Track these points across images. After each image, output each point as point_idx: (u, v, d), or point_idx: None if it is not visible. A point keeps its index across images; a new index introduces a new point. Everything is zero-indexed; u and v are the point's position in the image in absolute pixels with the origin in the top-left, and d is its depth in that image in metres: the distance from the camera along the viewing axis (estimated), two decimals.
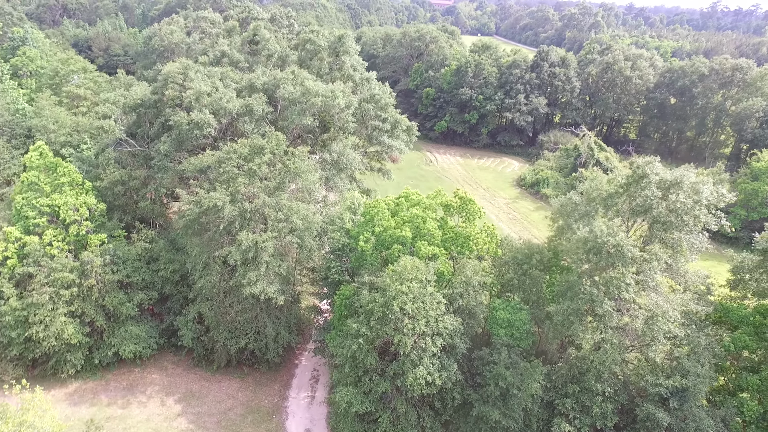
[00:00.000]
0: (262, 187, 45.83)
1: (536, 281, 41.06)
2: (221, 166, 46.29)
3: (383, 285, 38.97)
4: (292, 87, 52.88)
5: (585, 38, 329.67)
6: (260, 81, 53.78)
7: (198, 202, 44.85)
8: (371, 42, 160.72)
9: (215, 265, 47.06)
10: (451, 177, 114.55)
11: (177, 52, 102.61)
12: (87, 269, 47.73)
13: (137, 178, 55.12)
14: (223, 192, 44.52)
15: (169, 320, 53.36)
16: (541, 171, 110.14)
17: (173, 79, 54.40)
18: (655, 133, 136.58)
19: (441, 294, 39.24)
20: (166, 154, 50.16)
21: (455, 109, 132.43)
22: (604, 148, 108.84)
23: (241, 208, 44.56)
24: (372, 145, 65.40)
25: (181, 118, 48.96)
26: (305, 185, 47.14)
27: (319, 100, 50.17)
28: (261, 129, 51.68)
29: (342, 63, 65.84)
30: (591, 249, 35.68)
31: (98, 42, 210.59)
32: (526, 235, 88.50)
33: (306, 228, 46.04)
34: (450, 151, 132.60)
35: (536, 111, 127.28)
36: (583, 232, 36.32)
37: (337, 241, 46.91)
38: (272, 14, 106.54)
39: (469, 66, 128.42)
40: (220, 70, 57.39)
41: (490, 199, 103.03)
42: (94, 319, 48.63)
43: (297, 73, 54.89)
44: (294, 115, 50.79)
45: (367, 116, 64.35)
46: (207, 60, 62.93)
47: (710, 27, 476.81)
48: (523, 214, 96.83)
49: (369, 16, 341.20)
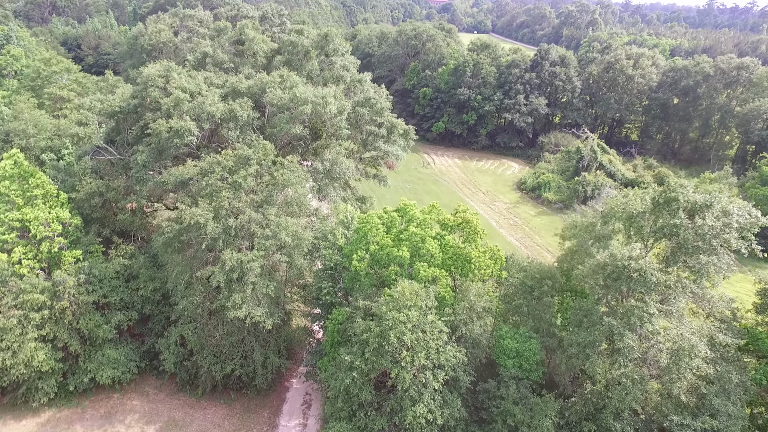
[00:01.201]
0: (248, 202, 42.27)
1: (547, 308, 37.66)
2: (204, 179, 42.74)
3: (379, 312, 35.55)
4: (279, 92, 49.27)
5: (582, 36, 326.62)
6: (244, 85, 50.11)
7: (178, 218, 41.32)
8: (366, 40, 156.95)
9: (198, 285, 43.52)
10: (449, 180, 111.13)
11: (165, 51, 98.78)
12: (59, 290, 44.08)
13: (116, 189, 51.46)
14: (206, 207, 40.96)
15: (151, 342, 49.77)
16: (543, 174, 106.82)
17: (154, 83, 50.73)
18: (658, 134, 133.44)
19: (442, 322, 35.83)
20: (145, 164, 46.52)
21: (453, 109, 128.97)
22: (607, 150, 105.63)
23: (225, 224, 41.03)
24: (367, 150, 61.81)
25: (160, 125, 45.32)
26: (295, 198, 43.57)
27: (308, 107, 46.59)
28: (247, 137, 48.07)
29: (332, 63, 62.16)
30: (610, 274, 32.30)
31: (88, 40, 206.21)
32: (528, 242, 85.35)
33: (296, 245, 42.54)
34: (448, 153, 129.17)
35: (536, 112, 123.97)
36: (602, 256, 32.90)
37: (329, 259, 43.39)
38: (263, 12, 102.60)
39: (467, 65, 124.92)
40: (203, 74, 53.68)
41: (490, 204, 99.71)
42: (68, 344, 44.98)
43: (285, 77, 51.26)
44: (282, 123, 47.19)
45: (361, 121, 60.77)
46: (190, 61, 59.22)
47: (707, 24, 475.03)
48: (525, 220, 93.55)
49: (364, 13, 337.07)
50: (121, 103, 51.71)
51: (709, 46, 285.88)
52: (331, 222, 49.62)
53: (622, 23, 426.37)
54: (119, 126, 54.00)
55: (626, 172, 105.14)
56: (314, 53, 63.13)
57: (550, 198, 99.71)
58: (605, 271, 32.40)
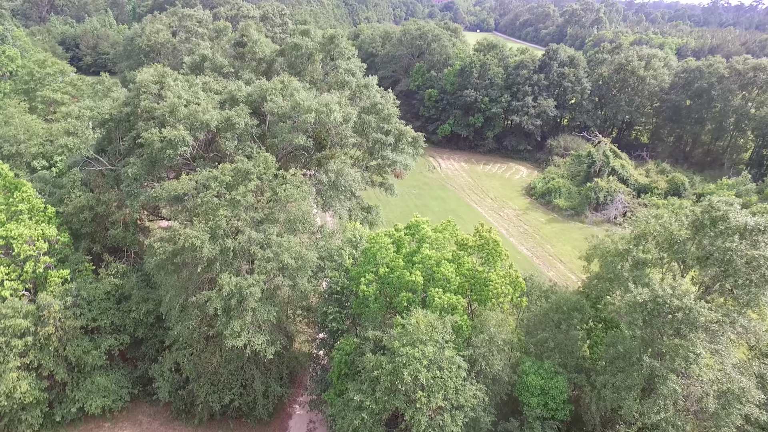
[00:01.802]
0: (247, 220, 39.02)
1: (575, 341, 34.34)
2: (200, 195, 39.48)
3: (391, 346, 32.29)
4: (281, 99, 45.97)
5: (587, 35, 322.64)
6: (242, 93, 46.83)
7: (171, 238, 38.09)
8: (370, 40, 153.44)
9: (194, 309, 40.26)
10: (456, 185, 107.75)
11: (163, 52, 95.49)
12: (44, 315, 40.87)
13: (106, 203, 48.19)
14: (202, 227, 37.73)
15: (144, 367, 46.60)
16: (553, 179, 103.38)
17: (147, 89, 47.46)
18: (669, 136, 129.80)
19: (461, 357, 32.55)
20: (136, 177, 43.27)
21: (459, 111, 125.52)
22: (619, 155, 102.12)
23: (222, 245, 37.80)
24: (374, 159, 58.51)
25: (153, 135, 42.08)
26: (298, 216, 40.28)
27: (311, 116, 43.27)
28: (246, 147, 44.80)
29: (337, 67, 58.80)
30: (651, 312, 28.94)
31: (86, 40, 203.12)
32: (539, 252, 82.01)
33: (299, 267, 39.31)
34: (454, 156, 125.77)
35: (545, 114, 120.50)
36: (641, 293, 29.40)
37: (335, 282, 40.09)
38: (264, 11, 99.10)
39: (474, 66, 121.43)
40: (201, 79, 50.39)
41: (499, 211, 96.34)
42: (54, 372, 41.83)
43: (286, 83, 47.97)
44: (284, 133, 43.90)
45: (368, 128, 57.48)
46: (187, 64, 55.93)
47: (712, 23, 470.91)
48: (535, 228, 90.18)
49: (367, 12, 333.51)
50: (111, 111, 48.45)
51: (716, 45, 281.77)
52: (337, 239, 46.36)
53: (626, 21, 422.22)
54: (110, 135, 50.78)
55: (639, 177, 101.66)
56: (318, 56, 59.81)
57: (561, 204, 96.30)
58: (645, 308, 29.03)
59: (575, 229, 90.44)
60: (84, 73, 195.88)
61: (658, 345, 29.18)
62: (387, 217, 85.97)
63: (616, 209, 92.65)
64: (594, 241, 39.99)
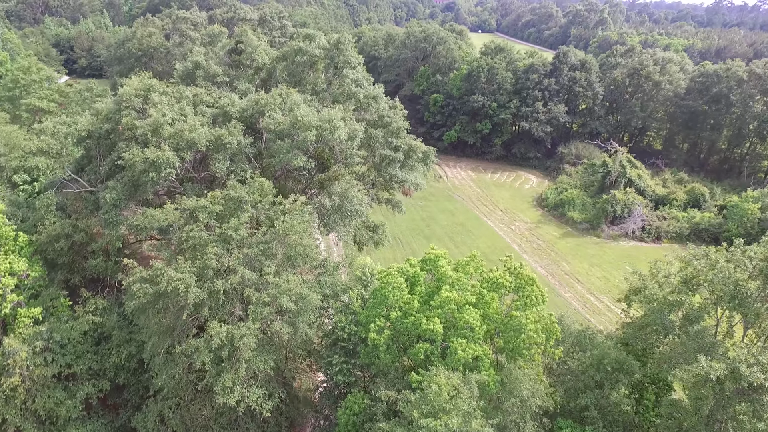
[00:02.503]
0: (240, 258, 34.07)
1: (622, 408, 29.27)
2: (186, 227, 34.53)
3: (407, 413, 27.36)
4: (279, 114, 41.01)
5: (591, 36, 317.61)
6: (235, 108, 41.87)
7: (153, 278, 33.15)
8: (372, 42, 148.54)
9: (180, 356, 35.31)
10: (464, 196, 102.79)
11: (156, 57, 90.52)
12: (9, 364, 35.92)
13: (85, 230, 43.24)
14: (187, 267, 32.79)
15: (126, 415, 41.58)
16: (565, 190, 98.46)
17: (130, 104, 42.56)
18: (684, 143, 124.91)
19: (490, 426, 27.56)
20: (116, 203, 38.33)
21: (466, 117, 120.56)
22: (635, 164, 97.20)
23: (211, 287, 32.86)
24: (381, 177, 53.58)
25: (134, 156, 37.13)
26: (299, 251, 35.32)
27: (312, 134, 38.28)
28: (239, 168, 39.86)
29: (342, 77, 53.84)
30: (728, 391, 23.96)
31: (80, 42, 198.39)
32: (555, 270, 77.02)
33: (300, 310, 34.36)
34: (460, 164, 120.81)
35: (555, 120, 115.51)
36: (716, 369, 24.14)
37: (342, 328, 35.08)
38: (262, 14, 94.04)
39: (482, 70, 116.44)
40: (192, 90, 45.43)
41: (510, 224, 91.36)
42: (21, 428, 36.88)
43: (285, 96, 43.05)
44: (282, 153, 38.94)
45: (374, 143, 52.61)
46: (178, 72, 51.00)
47: (716, 23, 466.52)
48: (549, 243, 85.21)
49: (368, 12, 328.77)
50: (90, 127, 43.48)
51: (723, 47, 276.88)
52: (342, 273, 41.40)
53: (629, 22, 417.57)
54: (90, 153, 45.83)
55: (656, 187, 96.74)
56: (322, 64, 54.85)
57: (575, 217, 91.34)
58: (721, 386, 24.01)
59: (591, 244, 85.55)
60: (79, 76, 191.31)
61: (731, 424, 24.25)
62: (393, 232, 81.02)
63: (634, 223, 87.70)
64: (634, 281, 35.02)
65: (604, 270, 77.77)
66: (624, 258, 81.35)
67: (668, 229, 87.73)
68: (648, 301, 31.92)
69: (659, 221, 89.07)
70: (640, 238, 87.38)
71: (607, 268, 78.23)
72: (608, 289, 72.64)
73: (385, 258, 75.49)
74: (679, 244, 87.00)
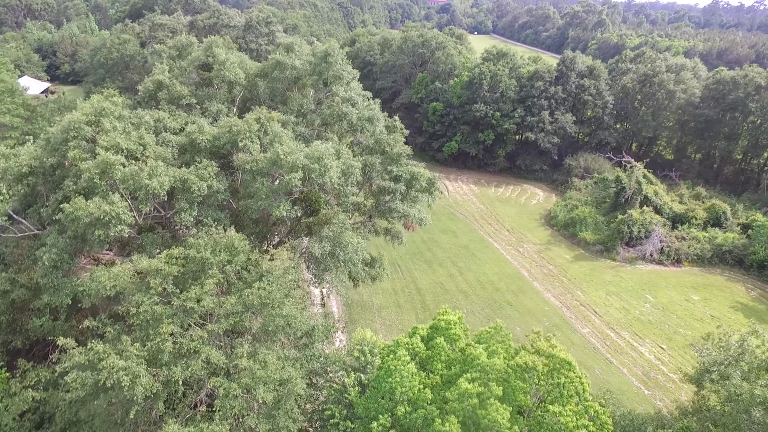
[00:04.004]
0: (203, 338, 26.95)
1: None
2: (136, 297, 27.41)
3: None
4: (257, 145, 33.94)
5: (590, 38, 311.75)
6: (204, 137, 34.74)
7: (92, 365, 26.03)
8: (367, 48, 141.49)
9: None
10: (466, 213, 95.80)
11: (132, 66, 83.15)
12: None
13: (26, 285, 36.00)
14: (135, 352, 25.67)
15: None
16: (576, 208, 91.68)
17: (78, 134, 35.37)
18: (696, 153, 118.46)
19: None
20: (56, 264, 31.14)
21: (467, 127, 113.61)
22: (651, 180, 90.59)
23: (167, 375, 25.77)
24: (378, 211, 46.57)
25: (77, 208, 29.94)
26: (280, 325, 28.24)
27: (298, 176, 31.20)
28: (209, 215, 32.73)
29: (332, 95, 46.73)
30: None
31: (64, 47, 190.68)
32: (569, 300, 70.11)
33: (281, 399, 27.30)
34: (462, 177, 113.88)
35: (562, 130, 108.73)
36: None
37: (335, 424, 27.94)
38: (248, 19, 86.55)
39: (484, 77, 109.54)
40: (154, 115, 38.26)
41: (517, 246, 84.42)
42: None
43: (264, 121, 35.94)
44: (260, 199, 31.83)
45: (371, 170, 45.59)
46: (140, 93, 43.80)
47: (713, 24, 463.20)
48: (560, 267, 78.32)
49: (362, 15, 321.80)
50: (32, 162, 36.24)
51: (724, 48, 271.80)
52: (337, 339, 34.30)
53: (626, 23, 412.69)
54: (35, 189, 38.58)
55: (673, 204, 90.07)
56: (309, 80, 47.73)
57: (588, 238, 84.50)
58: None
59: (606, 269, 78.73)
60: (62, 82, 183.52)
61: None
62: (391, 258, 74.17)
63: (652, 245, 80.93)
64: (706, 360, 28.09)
65: (622, 299, 70.97)
66: (643, 285, 74.66)
67: (689, 251, 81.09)
68: (730, 397, 25.01)
69: (678, 242, 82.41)
70: (658, 261, 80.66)
71: (626, 297, 71.45)
72: (629, 323, 65.88)
73: (383, 289, 68.53)
74: (701, 268, 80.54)
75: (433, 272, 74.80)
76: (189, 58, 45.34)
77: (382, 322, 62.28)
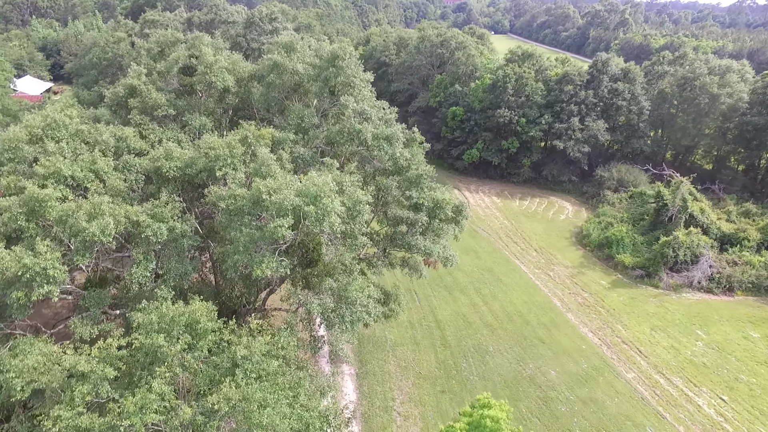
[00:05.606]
0: None
1: None
2: (67, 394, 19.55)
3: None
4: (241, 177, 25.90)
5: (612, 38, 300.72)
6: (173, 163, 26.81)
7: None
8: (382, 47, 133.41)
9: None
10: (489, 230, 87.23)
11: (125, 67, 75.70)
12: None
13: None
14: None
15: None
16: (610, 225, 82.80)
17: (16, 154, 27.72)
18: (740, 164, 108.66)
19: None
20: None
21: (489, 134, 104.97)
22: (697, 197, 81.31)
23: None
24: (394, 245, 38.38)
25: None
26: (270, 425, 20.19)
27: (286, 223, 23.09)
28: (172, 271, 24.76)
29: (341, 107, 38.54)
30: None
31: (68, 45, 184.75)
32: (609, 336, 61.41)
33: None
34: (483, 188, 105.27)
35: (594, 138, 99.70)
36: None
37: None
38: (249, 15, 78.43)
39: (509, 80, 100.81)
40: (116, 131, 30.44)
41: (547, 269, 75.76)
42: None
43: (253, 141, 27.88)
44: (238, 252, 23.80)
45: (387, 194, 37.47)
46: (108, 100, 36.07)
47: (738, 24, 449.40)
48: (596, 296, 69.53)
49: (377, 13, 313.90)
50: None
51: (756, 49, 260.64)
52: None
53: (648, 22, 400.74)
54: None
55: (721, 223, 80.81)
56: (313, 87, 39.61)
57: (626, 262, 75.61)
58: None
59: (649, 298, 69.81)
60: (65, 82, 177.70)
61: None
62: (407, 285, 66.13)
63: (701, 271, 71.83)
64: None
65: (670, 336, 62.12)
66: (693, 318, 65.70)
67: (742, 277, 71.89)
68: None
69: (730, 267, 73.24)
70: (707, 289, 71.56)
71: (674, 334, 62.56)
72: (680, 366, 57.03)
73: (398, 322, 60.04)
74: (757, 297, 71.32)
75: (454, 301, 66.48)
76: (170, 58, 37.44)
77: (397, 363, 54.18)
